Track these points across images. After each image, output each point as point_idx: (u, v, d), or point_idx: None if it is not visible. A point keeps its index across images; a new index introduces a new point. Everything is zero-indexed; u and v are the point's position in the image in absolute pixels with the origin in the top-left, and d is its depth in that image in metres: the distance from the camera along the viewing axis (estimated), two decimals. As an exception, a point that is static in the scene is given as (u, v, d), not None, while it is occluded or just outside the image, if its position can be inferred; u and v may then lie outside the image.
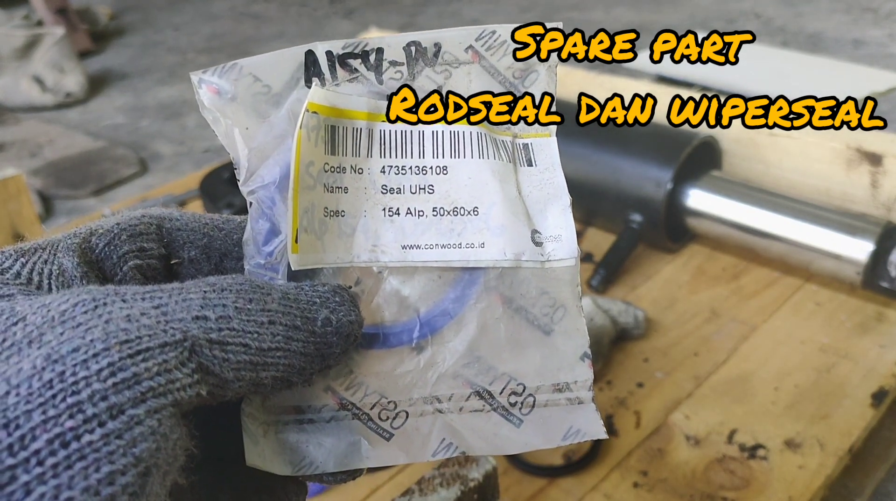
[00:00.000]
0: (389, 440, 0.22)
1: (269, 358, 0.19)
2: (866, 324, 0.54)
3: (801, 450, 0.44)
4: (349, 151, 0.23)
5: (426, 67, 0.23)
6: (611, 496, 0.43)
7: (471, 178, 0.23)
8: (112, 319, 0.17)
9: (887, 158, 0.58)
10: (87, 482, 0.15)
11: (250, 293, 0.20)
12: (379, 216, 0.22)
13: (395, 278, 0.23)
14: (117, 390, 0.16)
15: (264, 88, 0.22)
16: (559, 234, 0.23)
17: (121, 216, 0.23)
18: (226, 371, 0.18)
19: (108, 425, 0.16)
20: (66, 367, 0.16)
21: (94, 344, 0.16)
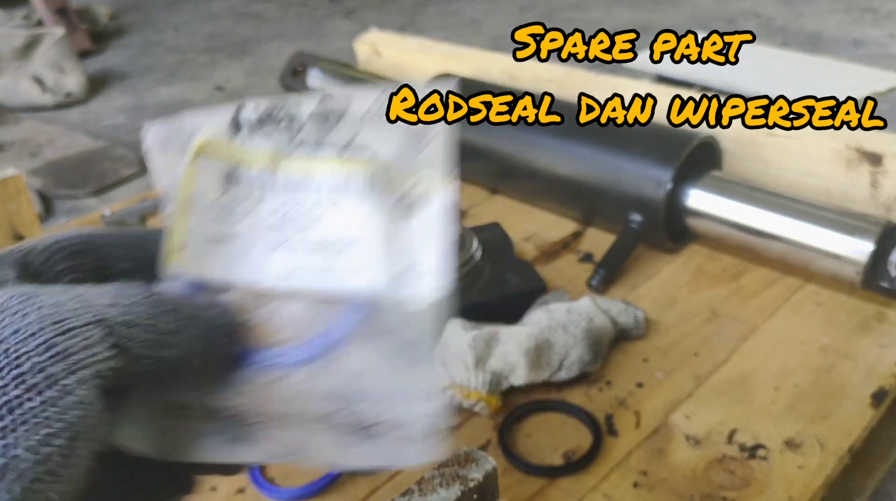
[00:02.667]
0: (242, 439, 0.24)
1: (172, 339, 0.23)
2: (866, 324, 0.54)
3: (801, 450, 0.44)
4: (242, 191, 0.25)
5: (335, 126, 0.25)
6: (611, 496, 0.43)
7: (356, 212, 0.24)
8: (43, 305, 0.20)
9: (887, 158, 0.58)
10: (29, 442, 0.18)
11: (152, 290, 0.23)
12: (266, 245, 0.25)
13: (274, 303, 0.25)
14: (52, 361, 0.19)
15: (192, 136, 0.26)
16: (433, 270, 0.24)
17: (56, 236, 0.26)
18: (136, 347, 0.21)
19: (46, 393, 0.19)
20: (10, 346, 0.19)
21: (31, 326, 0.20)
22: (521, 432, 0.48)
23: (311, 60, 0.98)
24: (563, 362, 0.49)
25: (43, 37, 1.62)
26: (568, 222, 0.70)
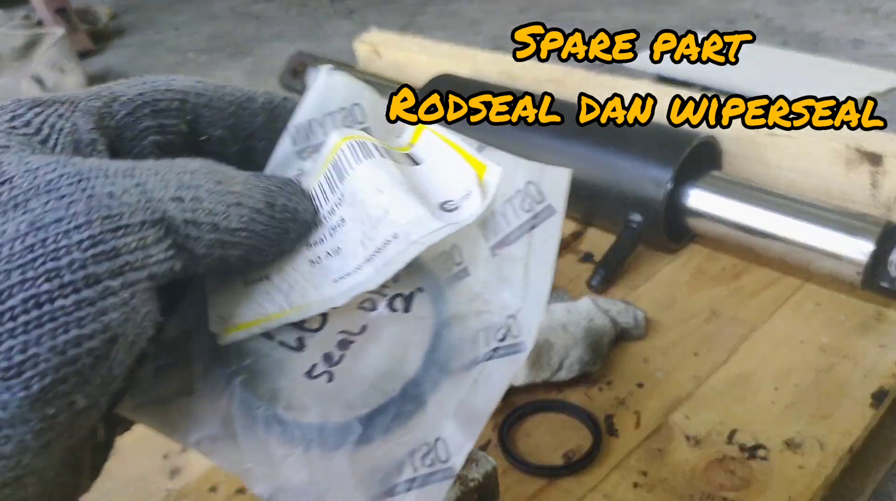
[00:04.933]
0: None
1: (235, 238, 0.20)
2: (866, 324, 0.54)
3: (801, 450, 0.44)
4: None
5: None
6: (611, 496, 0.43)
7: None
8: (95, 194, 0.18)
9: (887, 158, 0.58)
10: (54, 341, 0.16)
11: (218, 176, 0.21)
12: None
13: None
14: (96, 261, 0.17)
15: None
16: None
17: (143, 84, 0.23)
18: (198, 248, 0.19)
19: (83, 292, 0.17)
20: (49, 234, 0.17)
21: (78, 216, 0.17)
22: (521, 432, 0.48)
23: (311, 60, 0.98)
24: (563, 362, 0.49)
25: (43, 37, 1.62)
26: (568, 222, 0.70)
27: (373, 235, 0.22)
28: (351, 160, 0.23)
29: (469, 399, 0.22)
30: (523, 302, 0.23)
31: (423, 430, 0.22)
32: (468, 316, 0.23)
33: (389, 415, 0.22)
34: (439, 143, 0.24)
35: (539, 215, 0.23)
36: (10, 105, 0.20)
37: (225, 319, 0.22)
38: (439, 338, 0.23)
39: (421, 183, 0.23)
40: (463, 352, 0.23)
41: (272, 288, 0.22)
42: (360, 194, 0.22)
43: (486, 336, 0.23)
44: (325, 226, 0.23)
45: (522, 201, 0.23)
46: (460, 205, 0.23)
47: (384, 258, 0.22)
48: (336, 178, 0.23)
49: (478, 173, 0.23)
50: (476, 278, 0.23)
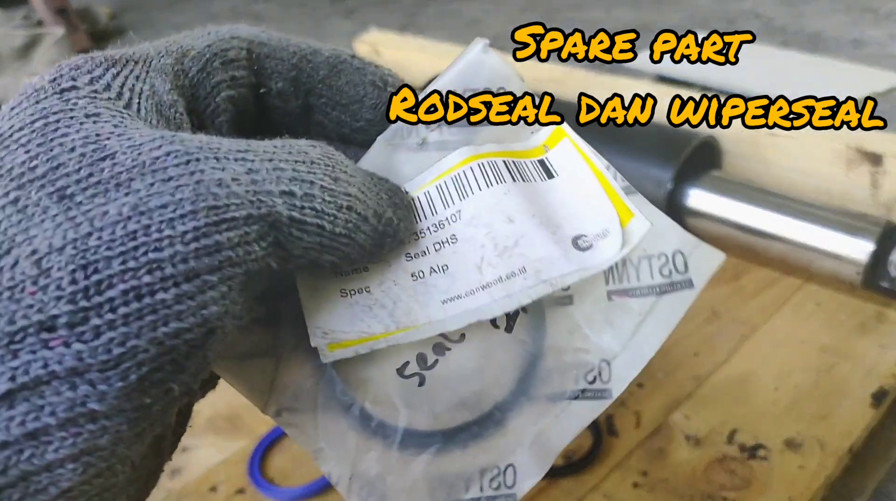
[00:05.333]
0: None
1: (336, 243, 0.19)
2: (866, 324, 0.54)
3: (802, 450, 0.44)
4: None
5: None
6: (611, 496, 0.43)
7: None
8: (203, 180, 0.17)
9: (887, 158, 0.58)
10: (155, 334, 0.15)
11: (337, 172, 0.19)
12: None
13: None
14: (198, 255, 0.16)
15: None
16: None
17: (209, 35, 0.22)
18: (296, 249, 0.18)
19: (183, 286, 0.16)
20: (153, 222, 0.16)
21: (184, 204, 0.16)
22: (522, 432, 0.48)
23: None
24: (563, 362, 0.49)
25: (43, 37, 1.62)
26: (568, 222, 0.70)
27: (495, 262, 0.21)
28: (479, 181, 0.22)
29: (547, 432, 0.22)
30: (623, 351, 0.22)
31: (498, 453, 0.22)
32: (565, 351, 0.22)
33: (471, 433, 0.22)
34: (578, 159, 0.23)
35: (675, 285, 0.22)
36: (85, 65, 0.19)
37: (327, 333, 0.21)
38: (534, 367, 0.22)
39: (554, 206, 0.22)
40: (552, 384, 0.22)
41: (373, 302, 0.21)
42: (484, 218, 0.21)
43: (577, 375, 0.22)
44: (427, 238, 0.22)
45: (664, 265, 0.22)
46: (594, 244, 0.22)
47: (506, 290, 0.21)
48: (454, 192, 0.22)
49: (621, 217, 0.22)
50: (580, 310, 0.22)
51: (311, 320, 0.21)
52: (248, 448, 0.48)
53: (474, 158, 0.22)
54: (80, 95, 0.18)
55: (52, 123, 0.17)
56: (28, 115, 0.18)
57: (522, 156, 0.23)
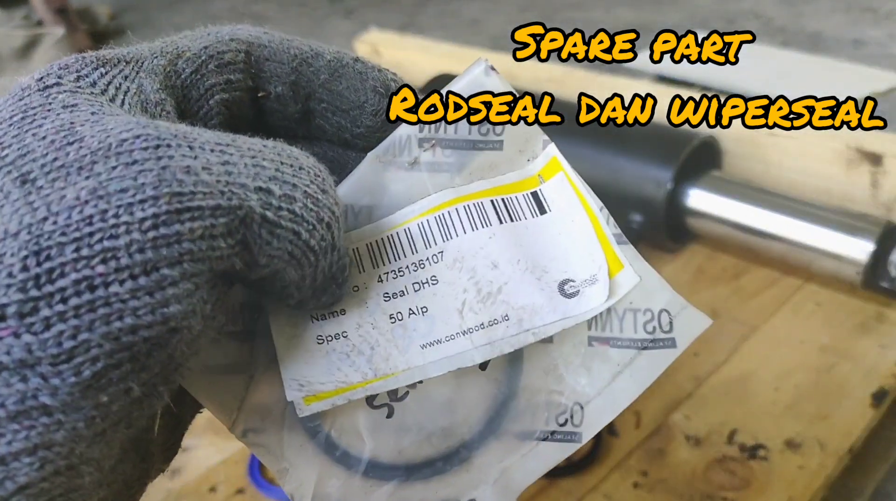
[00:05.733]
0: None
1: (305, 259, 0.18)
2: (866, 324, 0.54)
3: (802, 450, 0.44)
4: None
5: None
6: (611, 496, 0.43)
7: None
8: (170, 166, 0.16)
9: (887, 158, 0.58)
10: (108, 328, 0.15)
11: (326, 185, 0.18)
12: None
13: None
14: (156, 245, 0.15)
15: None
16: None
17: (208, 36, 0.22)
18: (263, 255, 0.17)
19: (140, 280, 0.15)
20: (110, 206, 0.15)
21: (145, 188, 0.15)
22: (521, 432, 0.48)
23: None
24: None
25: (43, 37, 1.62)
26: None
27: (478, 308, 0.21)
28: (464, 223, 0.22)
29: (511, 470, 0.22)
30: (597, 397, 0.22)
31: (460, 488, 0.22)
32: (539, 391, 0.22)
33: (435, 469, 0.22)
34: (573, 197, 0.23)
35: (658, 342, 0.22)
36: (74, 64, 0.19)
37: (303, 386, 0.21)
38: (505, 406, 0.22)
39: (543, 245, 0.22)
40: (522, 422, 0.22)
41: (351, 349, 0.21)
42: (468, 262, 0.21)
43: (548, 416, 0.22)
44: (406, 277, 0.21)
45: (648, 321, 0.22)
46: (581, 290, 0.21)
47: (488, 337, 0.21)
48: (437, 232, 0.22)
49: (610, 267, 0.22)
50: (560, 350, 0.22)
51: (286, 370, 0.21)
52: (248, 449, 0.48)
53: (460, 200, 0.22)
54: (61, 90, 0.18)
55: (28, 116, 0.17)
56: (9, 111, 0.17)
57: (515, 189, 0.23)
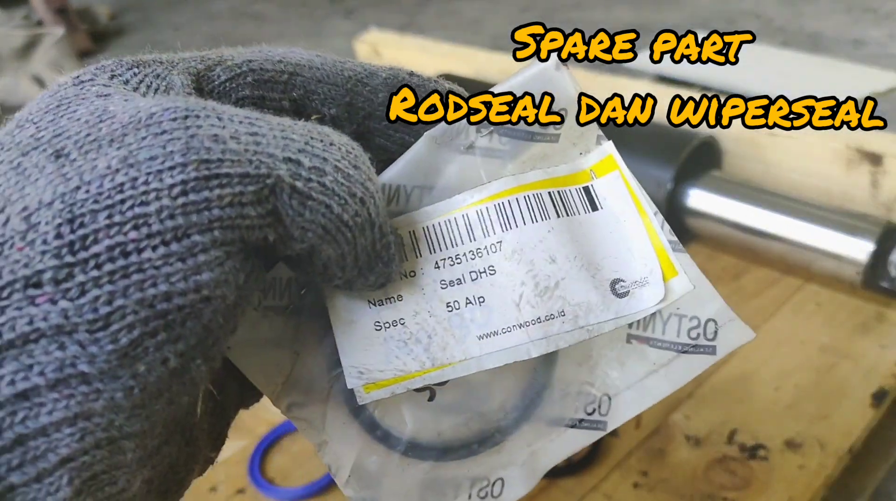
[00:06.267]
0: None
1: (340, 235, 0.18)
2: (866, 324, 0.54)
3: (802, 450, 0.44)
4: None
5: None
6: (611, 496, 0.43)
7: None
8: (198, 134, 0.16)
9: (887, 158, 0.58)
10: (143, 294, 0.15)
11: (359, 162, 0.18)
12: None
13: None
14: (185, 211, 0.15)
15: None
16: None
17: (258, 52, 0.22)
18: (295, 227, 0.17)
19: (172, 246, 0.15)
20: (140, 174, 0.15)
21: (173, 156, 0.15)
22: (522, 432, 0.48)
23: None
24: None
25: (43, 37, 1.62)
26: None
27: (535, 302, 0.21)
28: (524, 214, 0.22)
29: (538, 453, 0.23)
30: (627, 390, 0.22)
31: (490, 467, 0.22)
32: (572, 383, 0.22)
33: (470, 450, 0.23)
34: (626, 197, 0.23)
35: (699, 348, 0.22)
36: (110, 65, 0.19)
37: (363, 373, 0.21)
38: (540, 396, 0.23)
39: (595, 243, 0.22)
40: (553, 410, 0.23)
41: (408, 337, 0.21)
42: (527, 254, 0.21)
43: (577, 405, 0.22)
44: (463, 265, 0.21)
45: (694, 327, 0.22)
46: (632, 291, 0.22)
47: (544, 331, 0.21)
48: (496, 221, 0.21)
49: (664, 271, 0.22)
50: (596, 342, 0.22)
51: (346, 358, 0.21)
52: (248, 448, 0.48)
53: (520, 189, 0.22)
54: (95, 84, 0.18)
55: (64, 104, 0.17)
56: (45, 102, 0.18)
57: (567, 182, 0.23)
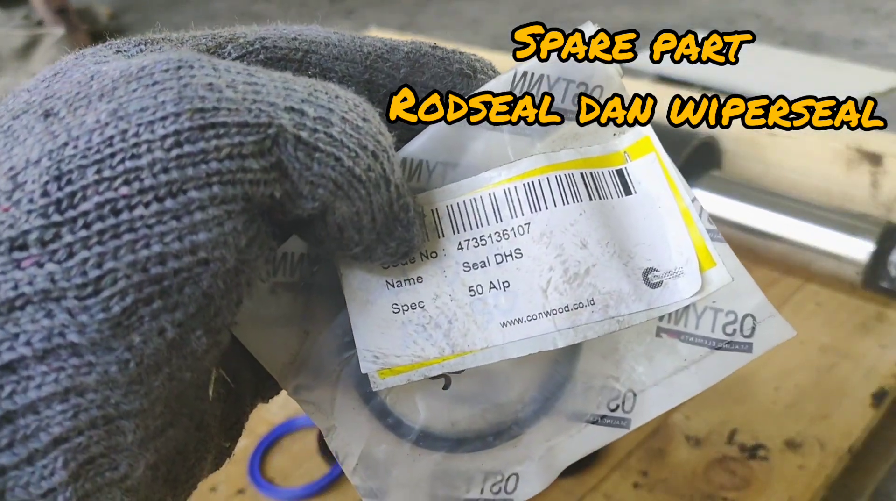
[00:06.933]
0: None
1: (353, 190, 0.16)
2: (866, 324, 0.54)
3: (802, 450, 0.44)
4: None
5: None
6: (611, 496, 0.43)
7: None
8: (192, 83, 0.15)
9: (887, 158, 0.58)
10: (135, 256, 0.14)
11: (369, 115, 0.17)
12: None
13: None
14: (180, 164, 0.14)
15: None
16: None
17: (272, 30, 0.21)
18: (303, 183, 0.15)
19: (166, 202, 0.14)
20: (130, 125, 0.14)
21: (165, 106, 0.14)
22: (521, 432, 0.48)
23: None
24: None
25: (43, 37, 1.62)
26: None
27: (563, 289, 0.20)
28: (554, 195, 0.20)
29: (556, 449, 0.22)
30: (654, 387, 0.21)
31: (506, 461, 0.21)
32: (596, 376, 0.21)
33: (485, 442, 0.21)
34: (662, 182, 0.21)
35: (734, 345, 0.21)
36: (117, 42, 0.18)
37: (378, 358, 0.20)
38: (561, 389, 0.21)
39: (627, 229, 0.20)
40: (574, 404, 0.21)
41: (428, 321, 0.20)
42: (556, 237, 0.20)
43: (600, 400, 0.21)
44: (488, 247, 0.20)
45: (730, 323, 0.21)
46: (665, 281, 0.20)
47: (571, 320, 0.20)
48: (525, 201, 0.20)
49: (701, 261, 0.20)
50: (622, 335, 0.21)
51: (361, 340, 0.20)
52: (248, 448, 0.48)
53: (551, 169, 0.20)
54: (96, 55, 0.17)
55: (60, 72, 0.17)
56: (43, 74, 0.17)
57: (600, 164, 0.21)
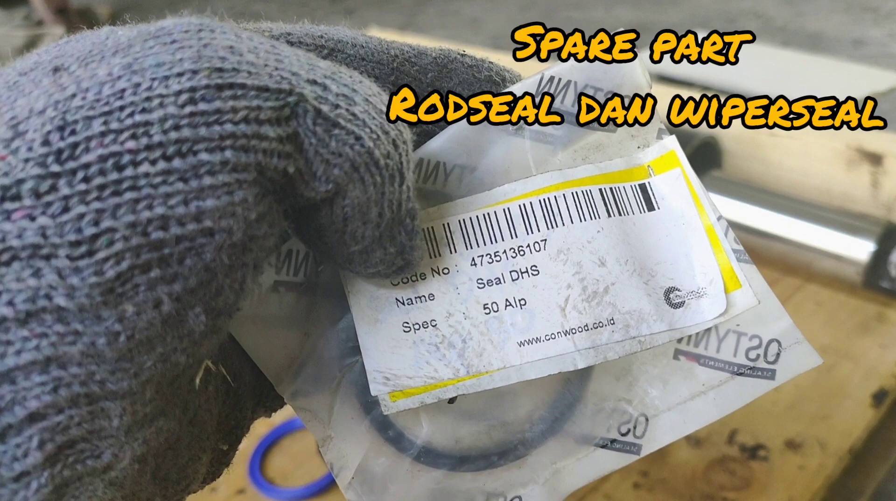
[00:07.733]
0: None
1: (370, 175, 0.15)
2: (867, 324, 0.54)
3: (802, 450, 0.44)
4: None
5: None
6: (611, 496, 0.43)
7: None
8: (212, 44, 0.14)
9: (887, 158, 0.58)
10: (135, 217, 0.13)
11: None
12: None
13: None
14: (193, 122, 0.13)
15: None
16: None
17: (298, 27, 0.20)
18: (318, 160, 0.14)
19: (174, 162, 0.13)
20: (144, 79, 0.13)
21: (183, 62, 0.13)
22: (521, 432, 0.48)
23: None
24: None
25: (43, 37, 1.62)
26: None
27: (582, 307, 0.19)
28: (571, 212, 0.20)
29: (563, 472, 0.21)
30: (667, 412, 0.20)
31: (509, 483, 0.21)
32: (608, 398, 0.20)
33: (489, 462, 0.21)
34: (687, 199, 0.20)
35: (756, 371, 0.20)
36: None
37: (389, 379, 0.19)
38: (571, 410, 0.21)
39: (649, 246, 0.20)
40: (584, 426, 0.21)
41: (440, 340, 0.19)
42: (574, 255, 0.19)
43: (611, 424, 0.20)
44: (503, 263, 0.19)
45: (753, 348, 0.20)
46: (688, 302, 0.20)
47: (591, 340, 0.19)
48: (541, 217, 0.20)
49: (726, 284, 0.20)
50: (637, 356, 0.20)
51: (369, 360, 0.19)
52: (248, 449, 0.48)
53: (567, 185, 0.20)
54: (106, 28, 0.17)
55: (73, 39, 0.16)
56: (56, 42, 0.16)
57: (622, 178, 0.21)
